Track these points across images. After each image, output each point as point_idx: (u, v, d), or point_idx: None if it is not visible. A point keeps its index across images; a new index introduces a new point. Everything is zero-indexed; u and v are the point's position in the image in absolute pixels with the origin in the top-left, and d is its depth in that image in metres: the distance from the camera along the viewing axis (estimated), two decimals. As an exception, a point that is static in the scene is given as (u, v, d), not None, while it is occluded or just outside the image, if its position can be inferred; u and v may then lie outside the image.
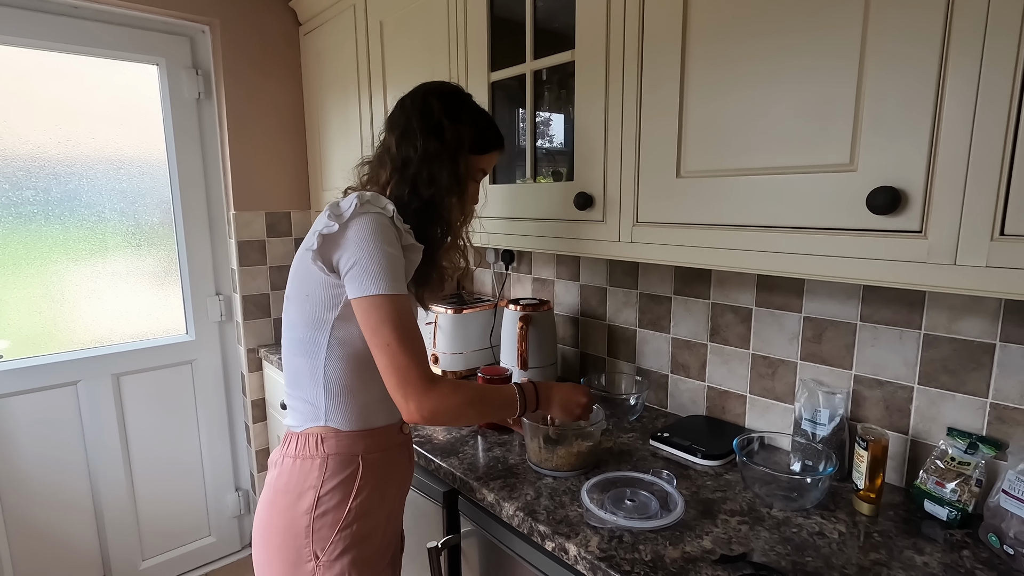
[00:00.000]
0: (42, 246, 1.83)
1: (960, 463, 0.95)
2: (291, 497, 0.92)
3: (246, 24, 2.02)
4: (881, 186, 0.73)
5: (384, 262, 0.87)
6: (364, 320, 0.87)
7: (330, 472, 0.92)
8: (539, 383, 1.04)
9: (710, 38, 0.91)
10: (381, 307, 0.86)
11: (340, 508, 0.92)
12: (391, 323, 0.86)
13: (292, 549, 0.91)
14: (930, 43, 0.68)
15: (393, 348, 0.86)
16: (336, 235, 0.88)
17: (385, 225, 0.89)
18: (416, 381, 0.86)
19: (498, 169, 1.38)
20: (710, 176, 0.94)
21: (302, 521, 0.90)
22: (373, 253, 0.86)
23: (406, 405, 0.87)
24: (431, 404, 0.87)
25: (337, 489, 0.92)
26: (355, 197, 0.90)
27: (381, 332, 0.86)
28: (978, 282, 0.68)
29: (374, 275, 0.86)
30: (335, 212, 0.89)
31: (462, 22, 1.38)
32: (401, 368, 0.86)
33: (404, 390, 0.86)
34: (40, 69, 1.77)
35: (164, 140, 2.00)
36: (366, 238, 0.87)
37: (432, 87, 1.02)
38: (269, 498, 0.95)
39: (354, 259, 0.87)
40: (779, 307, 1.22)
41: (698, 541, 0.91)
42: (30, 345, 1.84)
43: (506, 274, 1.90)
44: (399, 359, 0.86)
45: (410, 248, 0.95)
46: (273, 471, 0.96)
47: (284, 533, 0.91)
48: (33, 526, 1.85)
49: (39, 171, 1.79)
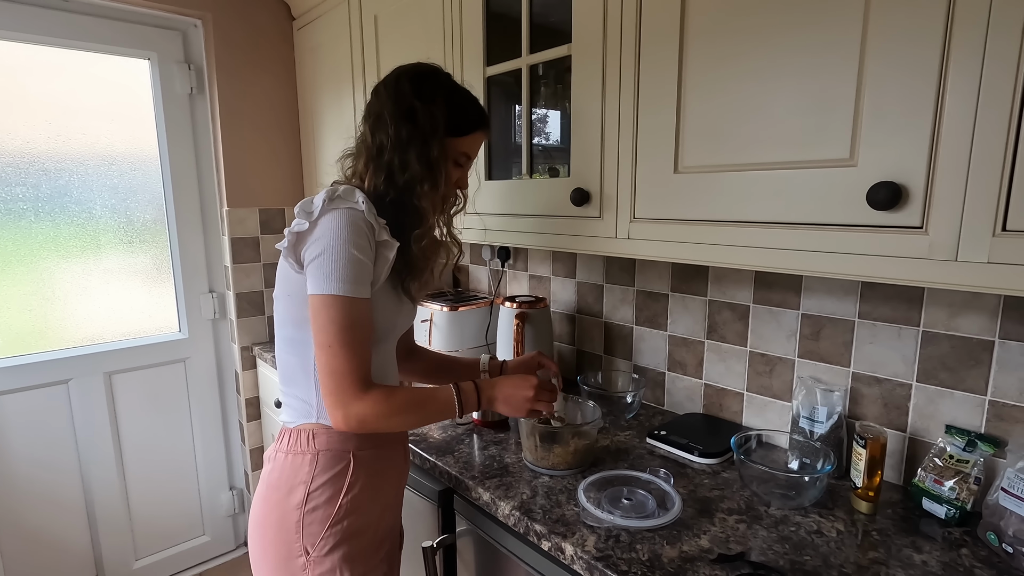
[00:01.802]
0: (32, 243, 1.80)
1: (959, 461, 0.94)
2: (282, 492, 0.92)
3: (239, 18, 1.99)
4: (882, 181, 0.72)
5: (344, 262, 0.84)
6: (313, 317, 0.86)
7: (320, 468, 0.91)
8: (481, 381, 0.98)
9: (708, 32, 0.90)
10: (331, 307, 0.84)
11: (331, 504, 0.91)
12: (337, 325, 0.84)
13: (284, 544, 0.91)
14: (932, 37, 0.67)
15: (333, 350, 0.84)
16: (305, 232, 0.87)
17: (355, 221, 0.86)
18: (348, 388, 0.84)
19: (494, 165, 1.37)
20: (708, 172, 0.93)
21: (292, 516, 0.90)
22: (335, 251, 0.84)
23: (334, 412, 0.85)
24: (359, 411, 0.85)
25: (327, 485, 0.91)
26: (324, 193, 0.87)
27: (325, 332, 0.85)
28: (979, 278, 0.67)
29: (330, 274, 0.84)
30: (306, 209, 0.87)
31: (457, 16, 1.37)
32: (336, 373, 0.84)
33: (335, 396, 0.85)
34: (30, 63, 1.74)
35: (156, 136, 1.98)
36: (331, 235, 0.84)
37: (405, 69, 0.96)
38: (263, 493, 0.95)
39: (315, 254, 0.85)
40: (777, 304, 1.21)
41: (695, 540, 0.90)
42: (20, 343, 1.82)
43: (502, 271, 1.89)
44: (335, 363, 0.84)
45: (385, 245, 0.91)
46: (267, 466, 0.96)
47: (276, 528, 0.91)
48: (25, 526, 1.83)
49: (29, 167, 1.77)
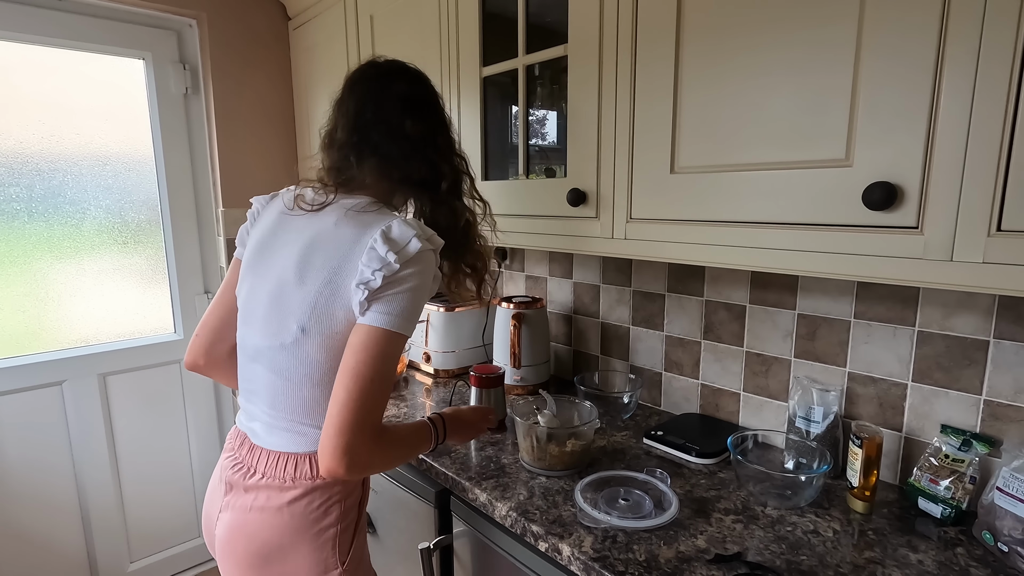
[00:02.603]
0: (25, 244, 1.79)
1: (954, 460, 0.95)
2: (313, 518, 0.88)
3: (234, 18, 1.99)
4: (877, 181, 0.73)
5: (418, 304, 0.82)
6: (363, 346, 0.79)
7: (351, 486, 0.92)
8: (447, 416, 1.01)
9: (705, 31, 0.90)
10: (391, 343, 0.80)
11: (357, 514, 0.94)
12: (387, 361, 0.80)
13: (318, 562, 0.89)
14: (927, 36, 0.68)
15: (375, 387, 0.78)
16: (395, 275, 0.80)
17: (433, 263, 0.85)
18: (372, 426, 0.78)
19: (490, 166, 1.37)
20: (704, 172, 0.93)
21: (329, 534, 0.89)
22: (415, 293, 0.81)
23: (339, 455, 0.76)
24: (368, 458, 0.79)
25: (354, 501, 0.93)
26: (409, 229, 0.82)
27: (372, 364, 0.78)
28: (974, 278, 0.68)
29: (402, 312, 0.80)
30: (395, 245, 0.80)
31: (453, 16, 1.37)
32: (368, 411, 0.78)
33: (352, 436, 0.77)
34: (23, 63, 1.73)
35: (151, 136, 1.97)
36: (420, 278, 0.81)
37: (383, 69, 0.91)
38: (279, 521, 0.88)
39: (395, 290, 0.80)
40: (773, 304, 1.22)
41: (692, 540, 0.90)
42: (13, 345, 1.81)
43: (499, 271, 1.89)
44: (368, 399, 0.78)
45: (436, 279, 0.89)
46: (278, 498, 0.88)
47: (310, 549, 0.89)
48: (18, 529, 1.81)
49: (22, 167, 1.76)
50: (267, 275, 0.90)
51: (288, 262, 0.87)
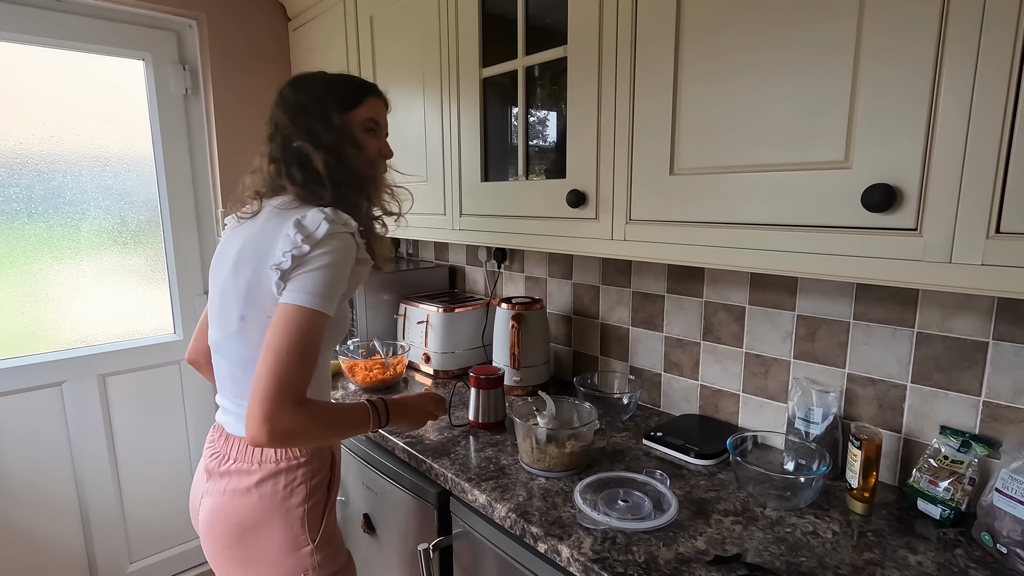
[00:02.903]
0: (25, 244, 1.79)
1: (953, 462, 0.95)
2: (281, 497, 0.96)
3: (234, 19, 1.99)
4: (876, 183, 0.73)
5: (331, 282, 0.89)
6: (279, 321, 0.86)
7: (316, 467, 0.99)
8: (390, 400, 1.06)
9: (704, 32, 0.90)
10: (303, 318, 0.86)
11: (326, 494, 1.01)
12: (301, 336, 0.86)
13: (289, 539, 0.97)
14: (926, 38, 0.68)
15: (288, 358, 0.84)
16: (304, 256, 0.88)
17: (350, 245, 0.93)
18: (286, 398, 0.84)
19: (490, 167, 1.37)
20: (704, 173, 0.93)
21: (296, 513, 0.97)
22: (327, 272, 0.89)
23: (257, 419, 0.83)
24: (287, 424, 0.84)
25: (321, 480, 1.00)
26: (320, 215, 0.90)
27: (285, 339, 0.85)
28: (973, 280, 0.68)
29: (315, 289, 0.87)
30: (304, 231, 0.89)
31: (453, 17, 1.37)
32: (280, 380, 0.84)
33: (269, 402, 0.83)
34: (23, 64, 1.73)
35: (150, 137, 1.97)
36: (329, 258, 0.89)
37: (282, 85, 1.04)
38: (249, 502, 0.96)
39: (307, 269, 0.88)
40: (772, 305, 1.22)
41: (692, 542, 0.90)
42: (13, 345, 1.81)
43: (498, 272, 1.89)
44: (282, 370, 0.84)
45: (362, 262, 0.98)
46: (247, 480, 0.96)
47: (281, 527, 0.96)
48: (18, 529, 1.81)
49: (22, 168, 1.76)
50: (217, 277, 1.01)
51: (228, 262, 0.98)
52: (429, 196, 1.54)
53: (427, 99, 1.49)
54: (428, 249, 2.24)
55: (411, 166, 1.60)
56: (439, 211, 1.51)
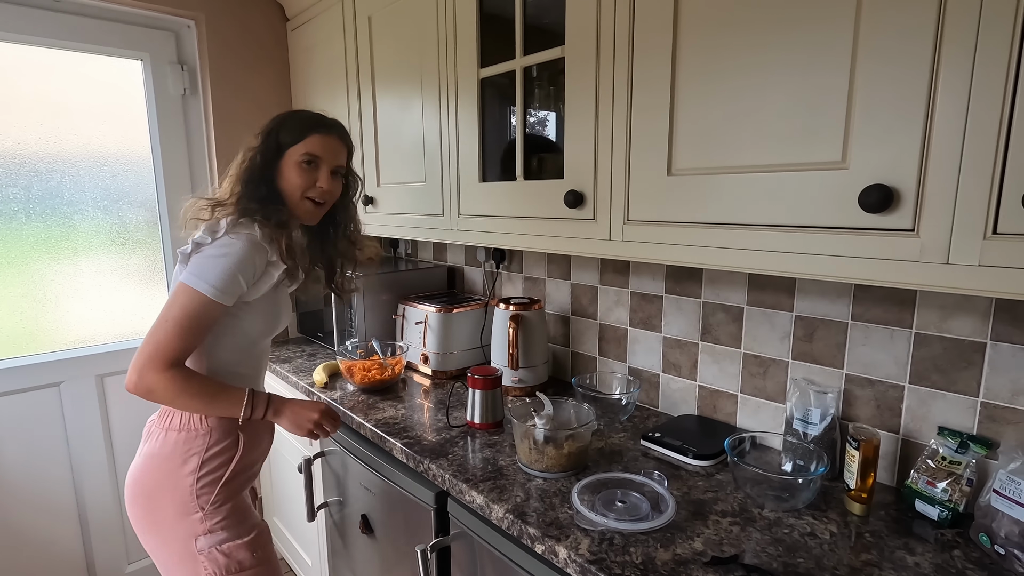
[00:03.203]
0: (23, 245, 1.79)
1: (951, 462, 0.95)
2: (176, 463, 1.09)
3: (232, 19, 1.98)
4: (873, 184, 0.72)
5: (222, 272, 1.02)
6: (171, 296, 1.03)
7: (213, 441, 1.10)
8: (276, 396, 1.17)
9: (702, 34, 0.90)
10: (191, 297, 1.01)
11: (222, 469, 1.11)
12: (185, 311, 1.01)
13: (180, 503, 1.08)
14: (923, 39, 0.68)
15: (168, 326, 1.00)
16: (206, 245, 1.04)
17: (250, 246, 1.05)
18: (159, 359, 0.99)
19: (488, 166, 1.37)
20: (701, 174, 0.93)
21: (187, 480, 1.08)
22: (220, 262, 1.02)
23: (132, 373, 1.00)
24: (152, 381, 1.00)
25: (220, 454, 1.11)
26: (227, 219, 1.07)
27: (172, 310, 1.01)
28: (971, 281, 0.68)
29: (205, 274, 1.01)
30: (211, 229, 1.06)
31: (451, 17, 1.37)
32: (158, 343, 1.00)
33: (143, 360, 1.00)
34: (21, 64, 1.73)
35: (149, 137, 1.97)
36: (224, 250, 1.03)
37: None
38: (151, 464, 1.11)
39: (205, 255, 1.03)
40: (770, 306, 1.22)
41: (689, 543, 0.90)
42: (11, 346, 1.81)
43: (497, 273, 1.89)
44: (162, 336, 1.00)
45: (273, 264, 1.10)
46: (154, 442, 1.11)
47: (172, 491, 1.08)
48: (16, 530, 1.81)
49: (20, 168, 1.75)
50: None
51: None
52: (427, 196, 1.54)
53: (425, 99, 1.49)
54: (427, 249, 2.23)
55: (409, 166, 1.60)
56: (437, 211, 1.51)
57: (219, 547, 1.09)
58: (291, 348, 2.10)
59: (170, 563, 1.12)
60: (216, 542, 1.09)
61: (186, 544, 1.09)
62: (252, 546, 1.13)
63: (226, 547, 1.10)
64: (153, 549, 1.14)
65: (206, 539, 1.09)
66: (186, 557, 1.09)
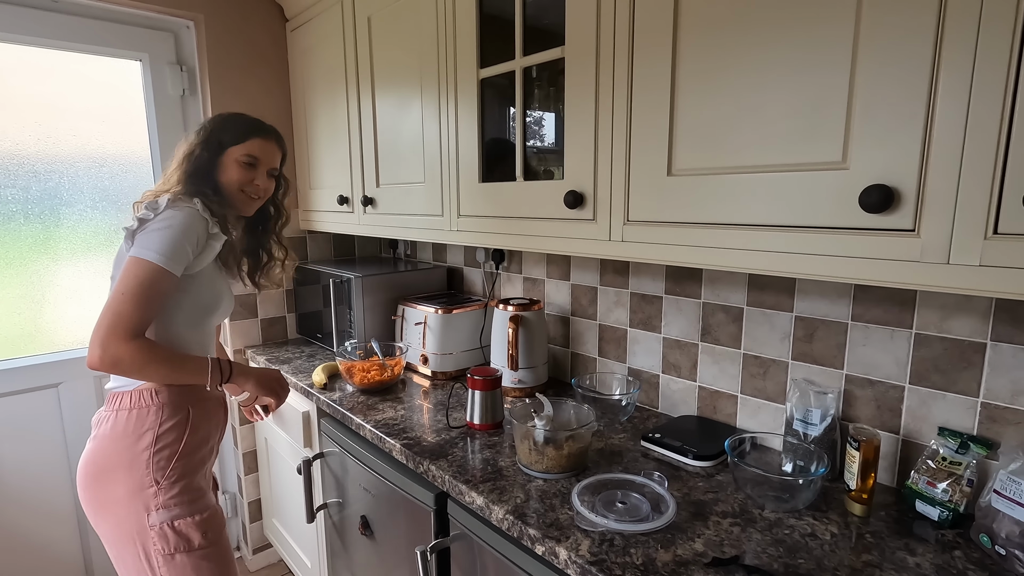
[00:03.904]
0: (21, 246, 1.79)
1: (951, 463, 0.95)
2: (130, 439, 1.12)
3: (232, 19, 1.98)
4: (874, 184, 0.72)
5: (169, 242, 1.07)
6: (124, 270, 1.06)
7: (166, 416, 1.14)
8: (236, 362, 1.24)
9: (702, 34, 0.90)
10: (143, 268, 1.05)
11: (176, 443, 1.15)
12: (139, 281, 1.04)
13: (135, 479, 1.11)
14: (923, 40, 0.68)
15: (125, 298, 1.03)
16: (149, 220, 1.09)
17: (190, 216, 1.11)
18: (120, 330, 1.02)
19: (488, 168, 1.37)
20: (701, 174, 0.93)
21: (143, 456, 1.12)
22: (166, 233, 1.07)
23: (94, 347, 1.02)
24: (116, 352, 1.02)
25: (173, 429, 1.15)
26: (167, 196, 1.12)
27: (126, 283, 1.04)
28: (971, 281, 0.68)
29: (153, 245, 1.06)
30: (151, 206, 1.11)
31: (451, 18, 1.37)
32: (117, 315, 1.03)
33: (104, 332, 1.02)
34: (19, 64, 1.73)
35: (147, 137, 1.97)
36: (168, 222, 1.08)
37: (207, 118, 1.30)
38: (105, 444, 1.13)
39: (150, 230, 1.08)
40: (770, 306, 1.22)
41: (690, 544, 0.90)
42: (9, 347, 1.80)
43: (496, 273, 1.89)
44: (120, 307, 1.03)
45: (214, 236, 1.17)
46: (107, 424, 1.14)
47: (128, 468, 1.11)
48: (13, 533, 1.81)
49: (18, 169, 1.75)
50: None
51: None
52: (427, 197, 1.54)
53: (425, 99, 1.49)
54: (426, 250, 2.23)
55: (408, 167, 1.60)
56: (437, 212, 1.51)
57: (170, 523, 1.11)
58: (290, 349, 2.10)
59: (120, 541, 1.13)
60: (168, 518, 1.11)
61: (138, 519, 1.11)
62: (203, 526, 1.15)
63: (177, 524, 1.12)
64: (104, 530, 1.16)
65: (157, 514, 1.11)
66: (136, 533, 1.11)
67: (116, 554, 1.16)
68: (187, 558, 1.13)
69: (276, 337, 2.23)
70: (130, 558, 1.13)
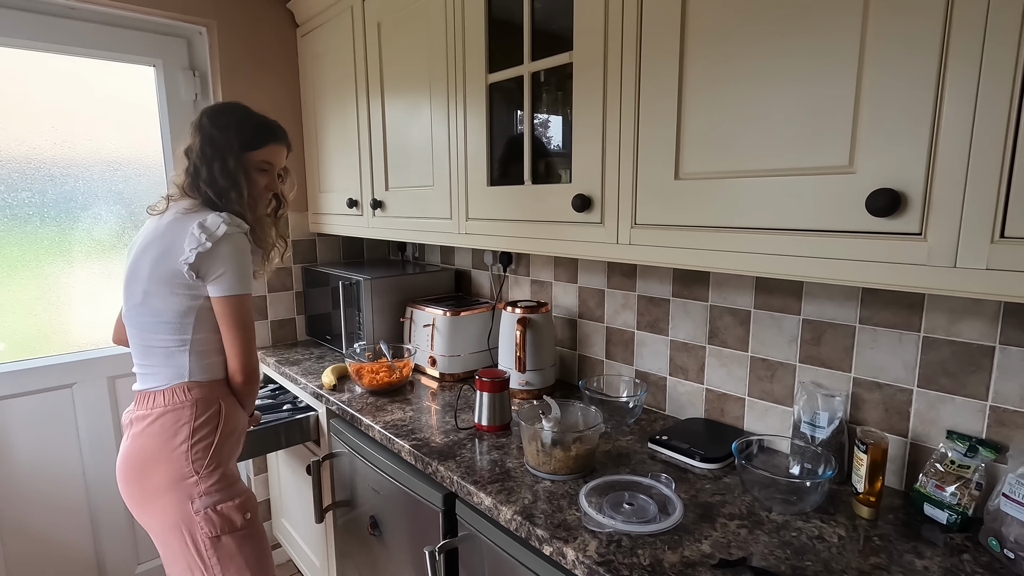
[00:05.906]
0: (38, 248, 1.82)
1: (960, 466, 0.94)
2: (167, 435, 1.19)
3: (243, 25, 2.01)
4: (881, 188, 0.73)
5: (246, 271, 1.21)
6: (230, 311, 1.20)
7: (200, 411, 1.22)
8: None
9: (709, 39, 0.91)
10: (244, 303, 1.22)
11: (212, 435, 1.22)
12: (239, 316, 1.22)
13: (175, 471, 1.18)
14: (929, 45, 0.68)
15: (249, 332, 1.24)
16: (209, 251, 1.16)
17: (244, 240, 1.22)
18: (255, 354, 1.27)
19: (496, 171, 1.38)
20: (709, 178, 0.93)
21: (181, 449, 1.19)
22: (238, 265, 1.19)
23: (248, 371, 1.26)
24: (257, 370, 1.28)
25: (206, 422, 1.22)
26: (219, 219, 1.18)
27: (233, 321, 1.21)
28: (978, 285, 0.68)
29: (240, 280, 1.20)
30: (207, 232, 1.16)
31: (460, 23, 1.38)
32: (248, 342, 1.24)
33: (251, 360, 1.26)
34: (36, 70, 1.76)
35: (161, 142, 1.99)
36: (238, 254, 1.20)
37: (206, 108, 1.31)
38: (143, 443, 1.20)
39: (223, 269, 1.18)
40: (778, 309, 1.22)
41: (697, 545, 0.90)
42: (25, 348, 1.83)
43: (504, 276, 1.90)
44: (247, 336, 1.24)
45: (253, 253, 1.29)
46: (140, 425, 1.21)
47: (167, 461, 1.19)
48: (28, 530, 1.83)
49: (35, 172, 1.78)
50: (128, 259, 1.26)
51: (136, 247, 1.25)
52: (435, 200, 1.55)
53: (434, 104, 1.51)
54: (434, 253, 2.25)
55: (417, 170, 1.61)
56: (445, 215, 1.52)
57: (214, 508, 1.20)
58: (300, 350, 2.12)
59: (166, 530, 1.21)
60: (211, 503, 1.19)
61: (182, 507, 1.18)
62: (242, 508, 1.24)
63: (220, 507, 1.20)
64: (149, 522, 1.23)
65: (200, 501, 1.19)
66: (181, 520, 1.19)
67: (163, 543, 1.23)
68: (231, 539, 1.22)
69: (286, 339, 2.25)
70: (177, 544, 1.20)
